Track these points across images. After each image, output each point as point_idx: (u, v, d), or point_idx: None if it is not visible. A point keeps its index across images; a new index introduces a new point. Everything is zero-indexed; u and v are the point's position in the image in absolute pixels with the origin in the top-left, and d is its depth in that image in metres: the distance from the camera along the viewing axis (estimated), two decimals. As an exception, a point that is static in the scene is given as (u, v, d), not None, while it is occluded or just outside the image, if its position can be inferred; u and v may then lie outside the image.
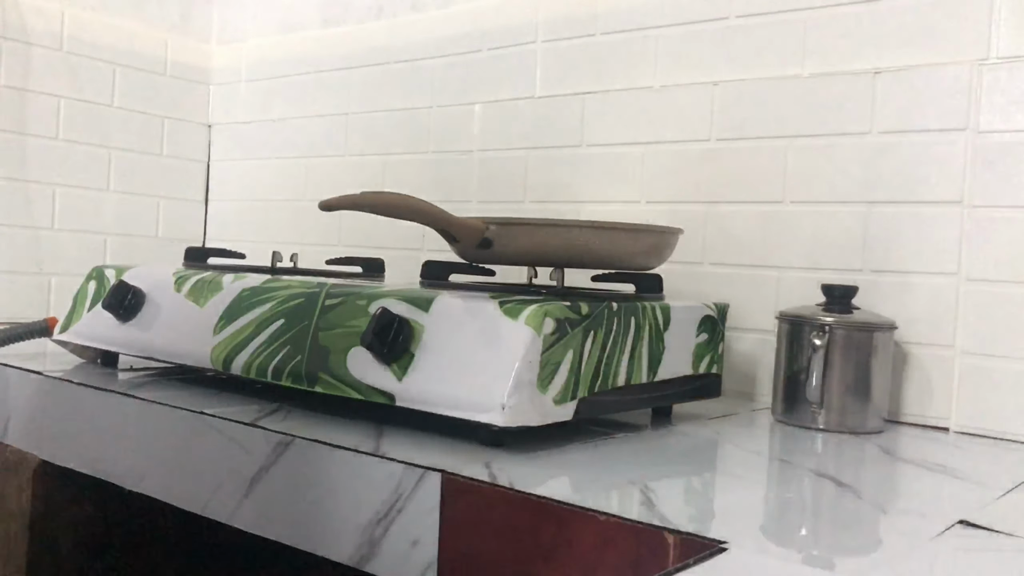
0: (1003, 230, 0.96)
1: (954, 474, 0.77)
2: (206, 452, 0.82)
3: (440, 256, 1.38)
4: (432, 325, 0.78)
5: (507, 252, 0.88)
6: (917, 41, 1.02)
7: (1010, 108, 0.96)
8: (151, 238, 1.68)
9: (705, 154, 1.17)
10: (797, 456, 0.82)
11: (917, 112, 1.02)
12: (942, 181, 1.00)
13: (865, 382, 0.94)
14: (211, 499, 0.81)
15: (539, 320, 0.73)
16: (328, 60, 1.60)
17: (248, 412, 0.85)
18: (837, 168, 1.07)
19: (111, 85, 1.59)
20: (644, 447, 0.81)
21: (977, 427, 0.97)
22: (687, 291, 1.18)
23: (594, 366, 0.80)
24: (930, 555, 0.54)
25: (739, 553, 0.52)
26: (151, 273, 1.04)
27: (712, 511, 0.61)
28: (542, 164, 1.32)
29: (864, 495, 0.68)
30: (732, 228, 1.14)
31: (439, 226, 0.86)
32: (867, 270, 1.05)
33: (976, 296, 0.98)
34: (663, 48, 1.21)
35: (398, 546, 0.68)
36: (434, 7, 1.46)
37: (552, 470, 0.70)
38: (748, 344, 1.13)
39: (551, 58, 1.31)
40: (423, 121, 1.47)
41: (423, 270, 0.95)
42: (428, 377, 0.76)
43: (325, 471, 0.73)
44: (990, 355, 0.97)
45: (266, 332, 0.88)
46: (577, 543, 0.59)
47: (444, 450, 0.74)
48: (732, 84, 1.15)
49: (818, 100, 1.08)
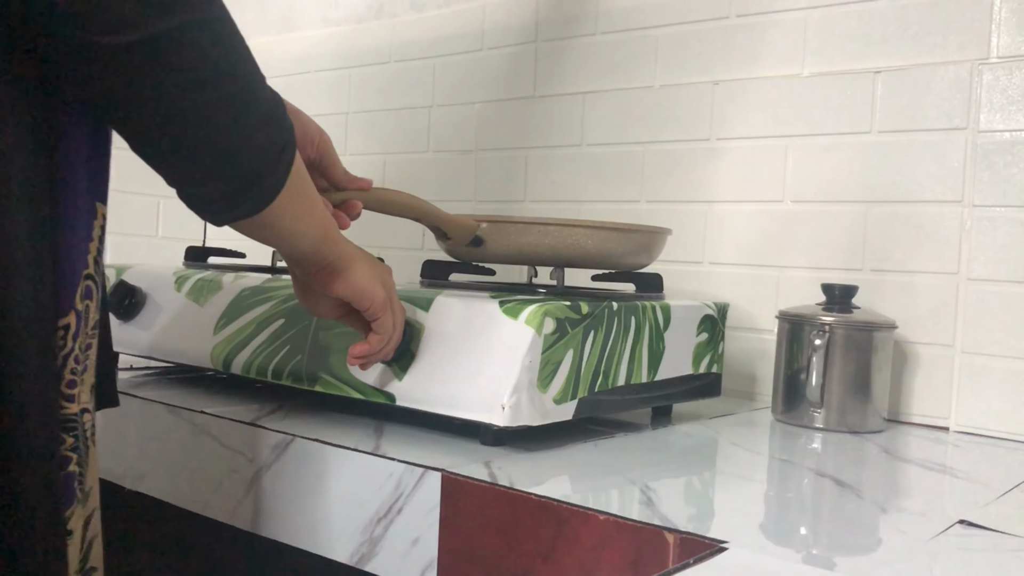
0: (1003, 230, 0.96)
1: (954, 474, 0.77)
2: (206, 452, 0.82)
3: (440, 256, 1.38)
4: (432, 324, 0.78)
5: (498, 251, 0.88)
6: (917, 41, 1.02)
7: (1010, 108, 0.96)
8: (151, 238, 1.68)
9: (705, 153, 1.17)
10: (797, 455, 0.82)
11: (917, 112, 1.02)
12: (942, 181, 1.00)
13: (865, 382, 0.94)
14: (211, 499, 0.81)
15: (539, 320, 0.73)
16: (328, 60, 1.60)
17: (248, 412, 0.85)
18: (837, 168, 1.07)
19: (111, 85, 1.59)
20: (644, 447, 0.81)
21: (977, 427, 0.97)
22: (687, 291, 1.18)
23: (594, 366, 0.80)
24: (930, 555, 0.54)
25: (739, 552, 0.52)
26: (151, 272, 1.04)
27: (712, 511, 0.61)
28: (542, 164, 1.32)
29: (864, 494, 0.68)
30: (732, 228, 1.14)
31: (431, 223, 0.86)
32: (867, 270, 1.05)
33: (976, 296, 0.98)
34: (663, 48, 1.21)
35: (398, 545, 0.68)
36: (434, 7, 1.46)
37: (552, 469, 0.70)
38: (748, 344, 1.13)
39: (551, 58, 1.31)
40: (423, 121, 1.47)
41: (423, 270, 0.95)
42: (428, 376, 0.76)
43: (325, 471, 0.73)
44: (990, 355, 0.97)
45: (266, 331, 0.88)
46: (577, 542, 0.59)
47: (444, 449, 0.74)
48: (732, 83, 1.15)
49: (818, 100, 1.08)
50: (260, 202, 0.56)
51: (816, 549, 0.54)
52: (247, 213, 0.56)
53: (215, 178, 0.53)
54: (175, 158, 0.52)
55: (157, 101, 0.49)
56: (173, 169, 0.53)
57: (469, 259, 0.93)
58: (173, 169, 0.53)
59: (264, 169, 0.55)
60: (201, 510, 0.82)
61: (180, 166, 0.53)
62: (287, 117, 0.57)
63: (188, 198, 0.55)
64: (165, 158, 0.52)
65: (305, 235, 0.63)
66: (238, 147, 0.53)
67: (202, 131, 0.51)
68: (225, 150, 0.52)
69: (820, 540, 0.56)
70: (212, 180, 0.53)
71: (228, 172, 0.53)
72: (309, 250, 0.65)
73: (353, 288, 0.70)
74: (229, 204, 0.55)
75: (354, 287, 0.70)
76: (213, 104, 0.51)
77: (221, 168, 0.53)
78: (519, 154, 1.34)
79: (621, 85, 1.24)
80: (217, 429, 0.82)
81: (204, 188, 0.54)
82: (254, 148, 0.54)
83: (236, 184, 0.54)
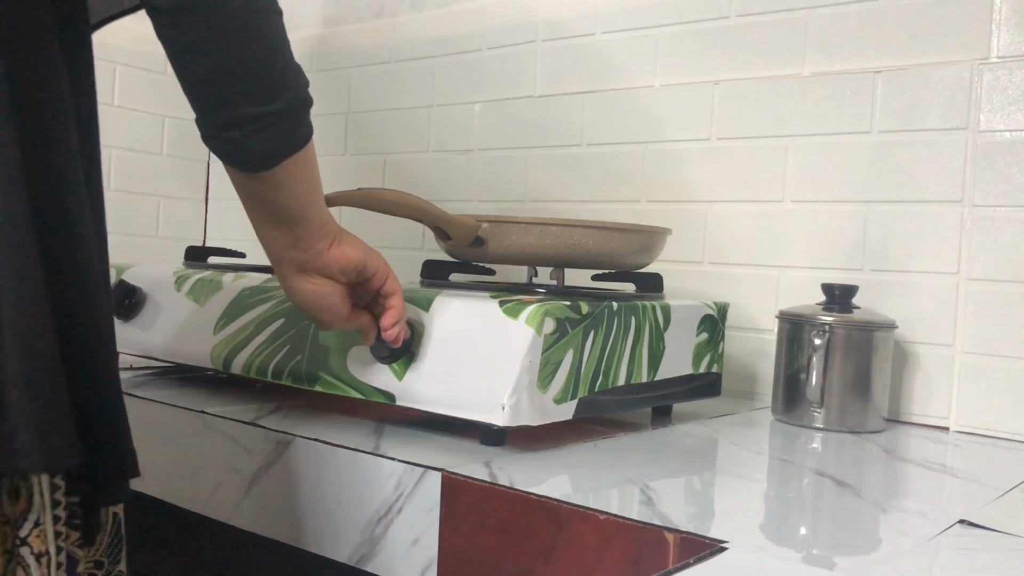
0: (1003, 230, 0.96)
1: (954, 474, 0.77)
2: (206, 452, 0.82)
3: (440, 256, 1.38)
4: (432, 324, 0.78)
5: (499, 251, 0.88)
6: (917, 41, 1.02)
7: (1010, 108, 0.96)
8: (151, 238, 1.68)
9: (705, 153, 1.17)
10: (797, 455, 0.82)
11: (917, 112, 1.02)
12: (942, 181, 1.00)
13: (865, 381, 0.94)
14: (211, 499, 0.81)
15: (539, 320, 0.73)
16: (329, 59, 1.60)
17: (248, 411, 0.85)
18: (837, 168, 1.07)
19: (111, 84, 1.59)
20: (644, 446, 0.81)
21: (977, 427, 0.97)
22: (687, 291, 1.18)
23: (594, 365, 0.80)
24: (930, 555, 0.54)
25: (739, 552, 0.52)
26: (151, 272, 1.04)
27: (712, 510, 0.61)
28: (542, 164, 1.32)
29: (864, 494, 0.68)
30: (732, 228, 1.14)
31: (432, 223, 0.86)
32: (867, 270, 1.05)
33: (976, 296, 0.98)
34: (663, 47, 1.21)
35: (398, 545, 0.68)
36: (434, 7, 1.46)
37: (552, 469, 0.70)
38: (748, 344, 1.13)
39: (551, 58, 1.31)
40: (423, 120, 1.47)
41: (423, 269, 0.95)
42: (428, 376, 0.76)
43: (325, 470, 0.73)
44: (990, 355, 0.97)
45: (266, 331, 0.88)
46: (577, 542, 0.59)
47: (444, 449, 0.74)
48: (732, 83, 1.15)
49: (818, 99, 1.08)
50: (304, 133, 0.62)
51: (816, 549, 0.54)
52: (294, 142, 0.61)
53: (268, 94, 0.58)
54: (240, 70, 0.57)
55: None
56: (232, 85, 0.57)
57: (470, 259, 0.93)
58: (232, 85, 0.57)
59: (304, 102, 0.61)
60: (201, 510, 0.82)
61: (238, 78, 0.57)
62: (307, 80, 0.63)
63: (240, 123, 0.58)
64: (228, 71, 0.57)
65: (319, 199, 0.66)
66: (287, 66, 0.59)
67: (259, 46, 0.57)
68: (279, 67, 0.59)
69: (820, 540, 0.56)
70: (265, 97, 0.58)
71: (279, 88, 0.59)
72: (322, 216, 0.66)
73: (359, 250, 0.69)
74: (284, 128, 0.60)
75: (361, 249, 0.70)
76: (266, 31, 0.57)
77: (272, 83, 0.58)
78: (519, 154, 1.34)
79: (621, 85, 1.24)
80: (217, 429, 0.82)
81: (264, 106, 0.58)
82: (296, 75, 0.60)
83: (284, 104, 0.59)
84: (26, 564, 0.53)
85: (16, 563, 0.53)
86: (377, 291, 0.73)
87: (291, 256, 0.67)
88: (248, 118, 0.58)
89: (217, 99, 0.57)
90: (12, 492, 0.53)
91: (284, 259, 0.68)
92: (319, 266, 0.68)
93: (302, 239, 0.66)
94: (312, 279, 0.69)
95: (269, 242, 0.67)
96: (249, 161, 0.61)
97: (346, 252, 0.68)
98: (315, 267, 0.68)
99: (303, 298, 0.70)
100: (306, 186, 0.64)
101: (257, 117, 0.58)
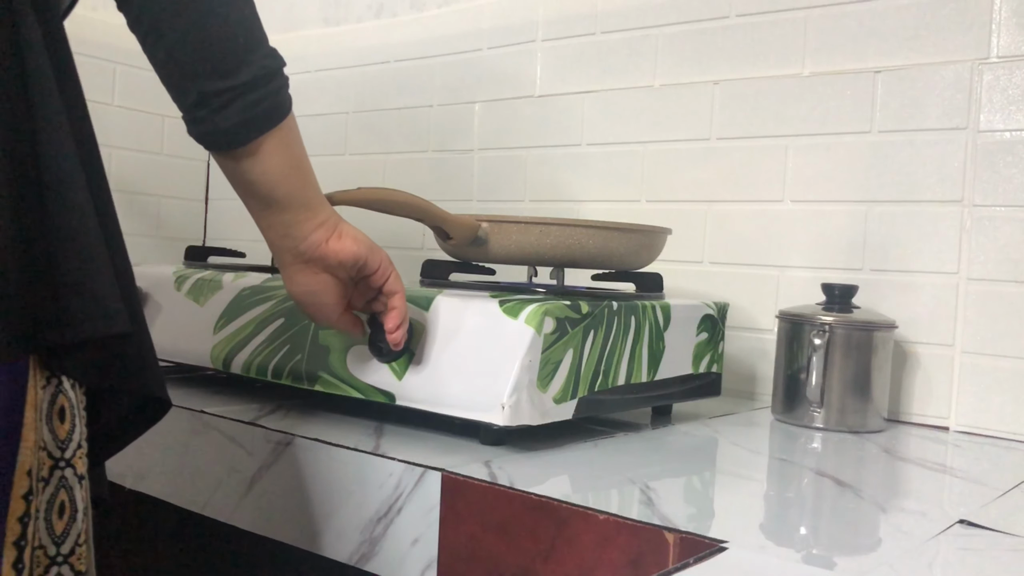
0: (1003, 230, 0.96)
1: (954, 474, 0.77)
2: (206, 451, 0.82)
3: (440, 256, 1.38)
4: (432, 324, 0.78)
5: (499, 251, 0.88)
6: (917, 41, 1.02)
7: (1010, 108, 0.96)
8: (151, 237, 1.68)
9: (705, 153, 1.17)
10: (797, 455, 0.82)
11: (917, 112, 1.02)
12: (942, 181, 1.00)
13: (865, 381, 0.94)
14: (211, 498, 0.81)
15: (539, 319, 0.73)
16: (328, 59, 1.60)
17: (248, 411, 0.85)
18: (837, 168, 1.07)
19: (111, 84, 1.59)
20: (644, 446, 0.81)
21: (977, 427, 0.97)
22: (687, 290, 1.18)
23: (594, 365, 0.80)
24: (930, 555, 0.54)
25: (739, 552, 0.52)
26: (151, 272, 1.04)
27: (712, 510, 0.61)
28: (542, 163, 1.32)
29: (864, 494, 0.68)
30: (732, 228, 1.14)
31: (432, 222, 0.86)
32: (867, 269, 1.05)
33: (976, 296, 0.98)
34: (663, 47, 1.21)
35: (398, 545, 0.68)
36: (434, 6, 1.46)
37: (552, 469, 0.70)
38: (748, 343, 1.13)
39: (551, 58, 1.31)
40: (423, 120, 1.47)
41: (423, 269, 0.95)
42: (428, 376, 0.76)
43: (325, 470, 0.73)
44: (990, 355, 0.97)
45: (266, 331, 0.88)
46: (577, 542, 0.59)
47: (444, 449, 0.74)
48: (732, 83, 1.15)
49: (818, 99, 1.08)
50: (277, 108, 0.60)
51: (816, 549, 0.54)
52: (266, 117, 0.60)
53: (230, 66, 0.58)
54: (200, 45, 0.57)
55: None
56: (197, 59, 0.57)
57: (470, 259, 0.93)
58: (197, 59, 0.57)
59: (271, 73, 0.60)
60: (201, 510, 0.82)
61: (202, 53, 0.57)
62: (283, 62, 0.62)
63: (207, 100, 0.58)
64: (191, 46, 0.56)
65: (306, 183, 0.64)
66: (250, 39, 0.59)
67: (220, 18, 0.56)
68: (242, 42, 0.58)
69: (820, 540, 0.56)
70: (228, 70, 0.58)
71: (241, 61, 0.58)
72: (312, 202, 0.65)
73: (360, 245, 0.68)
74: (251, 101, 0.59)
75: (363, 244, 0.68)
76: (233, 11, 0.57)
77: (233, 56, 0.58)
78: (519, 154, 1.34)
79: (621, 85, 1.24)
80: (217, 429, 0.82)
81: (228, 80, 0.58)
82: (261, 48, 0.60)
83: (248, 76, 0.58)
84: (70, 487, 0.52)
85: (60, 485, 0.52)
86: (379, 289, 0.73)
87: (286, 246, 0.67)
88: (212, 93, 0.57)
89: (182, 78, 0.57)
90: (60, 413, 0.52)
91: (280, 248, 0.68)
92: (317, 257, 0.68)
93: (293, 226, 0.66)
94: (311, 272, 0.69)
95: (264, 231, 0.67)
96: (220, 139, 0.60)
97: (346, 245, 0.68)
98: (313, 258, 0.68)
99: (296, 290, 0.70)
100: (289, 167, 0.63)
101: (222, 91, 0.57)
